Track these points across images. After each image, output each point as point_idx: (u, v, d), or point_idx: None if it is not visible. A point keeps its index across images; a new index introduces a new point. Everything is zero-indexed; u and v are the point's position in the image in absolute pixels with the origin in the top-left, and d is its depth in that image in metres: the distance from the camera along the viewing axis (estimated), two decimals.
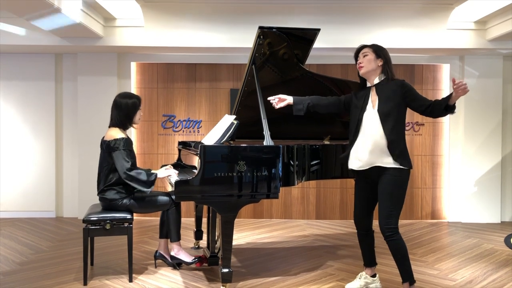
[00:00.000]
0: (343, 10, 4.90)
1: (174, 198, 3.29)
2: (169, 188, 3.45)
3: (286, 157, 3.17)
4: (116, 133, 3.38)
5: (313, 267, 3.76)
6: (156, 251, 3.68)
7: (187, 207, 5.54)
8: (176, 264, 3.62)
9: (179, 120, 5.78)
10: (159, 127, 5.79)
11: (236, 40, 5.01)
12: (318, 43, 3.76)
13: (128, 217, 3.33)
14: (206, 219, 3.99)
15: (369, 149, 2.85)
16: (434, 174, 5.79)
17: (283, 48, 3.51)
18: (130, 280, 3.35)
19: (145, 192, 3.30)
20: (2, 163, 5.76)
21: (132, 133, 5.56)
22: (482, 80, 5.61)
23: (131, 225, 3.34)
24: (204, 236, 4.24)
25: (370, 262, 3.16)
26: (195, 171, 3.07)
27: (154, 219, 5.43)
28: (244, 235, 4.89)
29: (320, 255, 4.13)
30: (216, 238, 3.67)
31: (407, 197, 4.05)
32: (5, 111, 5.78)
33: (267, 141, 3.10)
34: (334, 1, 4.78)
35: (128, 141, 3.41)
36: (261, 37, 3.29)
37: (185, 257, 3.59)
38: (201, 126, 5.78)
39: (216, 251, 3.68)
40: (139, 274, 3.53)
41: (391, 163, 2.82)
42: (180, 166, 4.06)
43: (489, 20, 4.98)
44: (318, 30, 3.50)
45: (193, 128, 5.79)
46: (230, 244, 3.03)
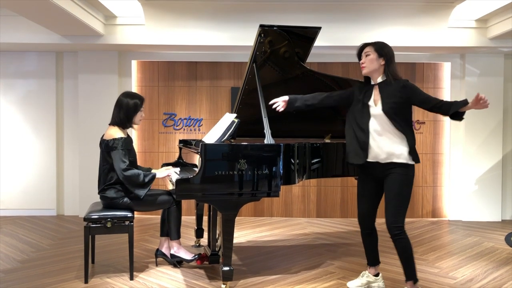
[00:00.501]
0: (344, 8, 4.90)
1: (175, 196, 3.29)
2: (170, 187, 3.44)
3: (287, 155, 3.17)
4: (115, 132, 3.37)
5: (313, 265, 3.76)
6: (157, 249, 3.68)
7: (187, 205, 5.54)
8: (176, 262, 3.62)
9: (180, 118, 5.78)
10: (160, 125, 5.78)
11: (237, 38, 5.01)
12: (319, 41, 3.76)
13: (129, 215, 3.33)
14: (207, 217, 3.99)
15: (378, 145, 2.85)
16: (435, 173, 5.79)
17: (284, 46, 3.51)
18: (131, 278, 3.36)
19: (140, 195, 3.30)
20: (3, 161, 5.77)
21: (132, 131, 5.55)
22: (483, 79, 5.61)
23: (132, 223, 3.34)
24: (205, 234, 4.24)
25: (374, 261, 3.16)
26: (196, 170, 3.07)
27: (155, 217, 5.43)
28: (245, 233, 4.89)
29: (320, 253, 4.13)
30: (216, 236, 3.67)
31: None
32: (6, 109, 5.77)
33: (268, 140, 3.10)
34: None
35: (126, 140, 3.40)
36: (262, 35, 3.29)
37: (185, 255, 3.59)
38: (202, 125, 5.78)
39: (216, 249, 3.68)
40: (140, 272, 3.53)
41: (403, 159, 2.81)
42: (181, 165, 4.05)
43: (490, 18, 4.98)
44: (319, 28, 3.49)
45: (194, 127, 5.79)
46: (231, 242, 3.04)
